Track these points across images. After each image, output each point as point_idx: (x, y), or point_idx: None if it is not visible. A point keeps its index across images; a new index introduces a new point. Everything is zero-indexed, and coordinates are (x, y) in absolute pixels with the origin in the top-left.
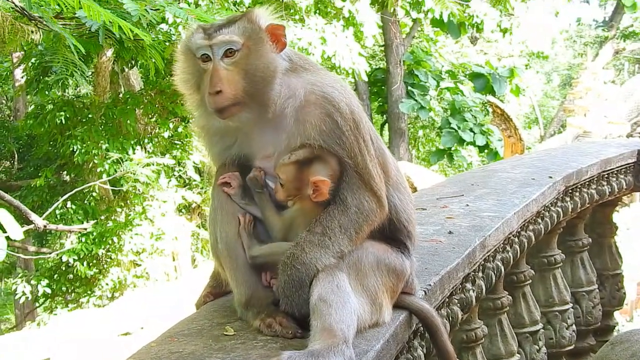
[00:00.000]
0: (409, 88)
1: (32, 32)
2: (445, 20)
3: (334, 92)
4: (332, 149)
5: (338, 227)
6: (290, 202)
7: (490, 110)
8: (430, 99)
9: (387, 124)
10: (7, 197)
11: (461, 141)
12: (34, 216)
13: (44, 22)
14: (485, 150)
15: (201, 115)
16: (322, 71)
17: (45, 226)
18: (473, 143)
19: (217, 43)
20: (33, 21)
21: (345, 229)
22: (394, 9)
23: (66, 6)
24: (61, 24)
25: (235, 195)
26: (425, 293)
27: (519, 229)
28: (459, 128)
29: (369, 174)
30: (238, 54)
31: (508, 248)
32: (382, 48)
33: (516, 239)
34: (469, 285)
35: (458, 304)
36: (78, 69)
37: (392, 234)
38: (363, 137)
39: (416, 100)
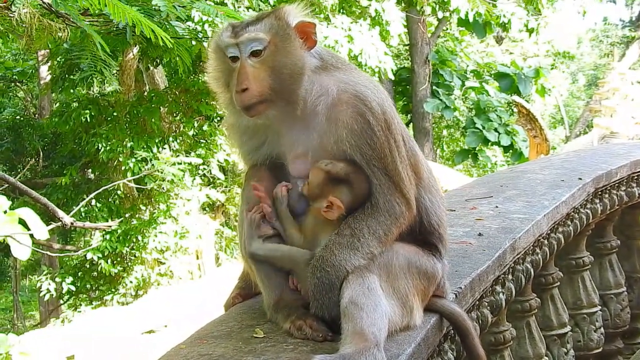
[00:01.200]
0: (434, 87)
1: (60, 29)
2: (471, 20)
3: (367, 91)
4: (362, 149)
5: (367, 228)
6: (312, 204)
7: (516, 110)
8: (455, 99)
9: (411, 124)
10: (35, 194)
11: (486, 141)
12: (61, 213)
13: (72, 19)
14: (510, 151)
15: (231, 113)
16: (355, 70)
17: (72, 223)
18: (498, 143)
19: (243, 41)
20: (60, 18)
21: (374, 231)
22: (422, 8)
23: (91, 4)
24: (88, 21)
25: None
26: (456, 296)
27: (549, 231)
28: (483, 128)
29: (399, 176)
30: (265, 51)
31: (537, 250)
32: (407, 47)
33: (546, 241)
34: (498, 288)
35: (488, 307)
36: (107, 66)
37: (423, 236)
38: (394, 138)
39: (441, 100)
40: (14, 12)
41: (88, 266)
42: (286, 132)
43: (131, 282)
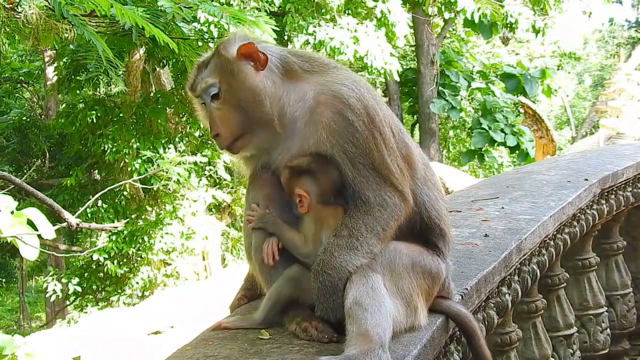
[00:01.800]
0: (440, 88)
1: (66, 30)
2: (477, 20)
3: (343, 88)
4: (344, 147)
5: (364, 226)
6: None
7: (522, 111)
8: (461, 100)
9: (417, 124)
10: (40, 195)
11: (492, 142)
12: (67, 214)
13: (75, 24)
14: (516, 151)
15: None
16: (333, 70)
17: (78, 224)
18: (504, 144)
19: (199, 93)
20: (66, 19)
21: (371, 228)
22: (428, 8)
23: (99, 8)
24: (94, 22)
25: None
26: (462, 297)
27: (555, 232)
28: (489, 128)
29: (388, 169)
30: (221, 92)
31: (544, 251)
32: (413, 48)
33: (552, 242)
34: (505, 289)
35: (494, 308)
36: (113, 66)
37: (424, 233)
38: (380, 131)
39: (447, 101)
40: (20, 13)
41: (94, 267)
42: (274, 146)
43: (137, 283)
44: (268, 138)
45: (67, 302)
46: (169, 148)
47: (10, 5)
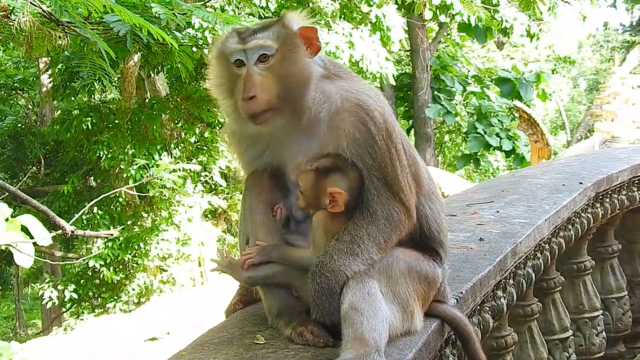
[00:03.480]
0: (435, 93)
1: (60, 37)
2: (473, 24)
3: (369, 100)
4: (362, 158)
5: (367, 235)
6: (312, 211)
7: (517, 115)
8: (457, 104)
9: (413, 129)
10: (35, 202)
11: (487, 146)
12: (62, 221)
13: (72, 27)
14: (512, 155)
15: (234, 120)
16: (356, 78)
17: (73, 231)
18: (499, 148)
19: (251, 48)
20: (60, 26)
21: (374, 237)
22: (421, 13)
23: (95, 10)
24: (89, 29)
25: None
26: (457, 301)
27: (550, 236)
28: (485, 133)
29: (399, 185)
30: (272, 59)
31: (539, 255)
32: (408, 53)
33: (547, 246)
34: (500, 293)
35: (489, 312)
36: (106, 74)
37: (423, 242)
38: (395, 147)
39: (442, 105)
40: (14, 20)
41: (90, 274)
42: (289, 142)
43: (133, 289)
44: (292, 125)
45: (64, 309)
46: (164, 154)
47: (4, 13)
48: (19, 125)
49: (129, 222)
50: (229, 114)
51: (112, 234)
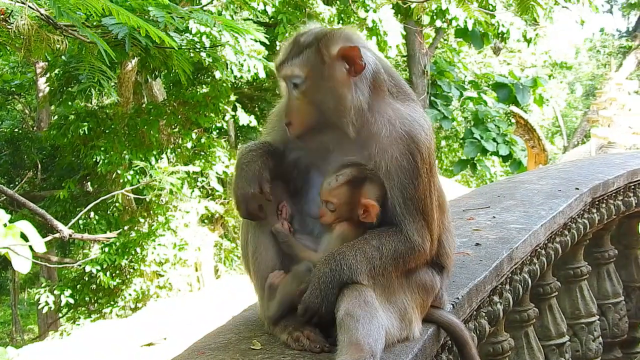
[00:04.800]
0: (432, 98)
1: (58, 41)
2: (470, 28)
3: (421, 132)
4: (405, 186)
5: (393, 250)
6: (336, 224)
7: (514, 120)
8: (453, 109)
9: None
10: (32, 205)
11: (484, 151)
12: (59, 225)
13: (70, 31)
14: (509, 161)
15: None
16: (412, 103)
17: (70, 235)
18: (496, 153)
19: (282, 77)
20: (58, 29)
21: (397, 256)
22: (419, 17)
23: (94, 12)
24: (86, 33)
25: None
26: (454, 306)
27: (546, 241)
28: (481, 138)
29: (432, 217)
30: (303, 85)
31: (535, 260)
32: (405, 58)
33: (543, 251)
34: (496, 298)
35: (485, 317)
36: (105, 77)
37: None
38: (434, 181)
39: (439, 111)
40: (12, 24)
41: (87, 279)
42: (334, 149)
43: (130, 294)
44: (340, 139)
45: (60, 314)
46: (161, 159)
47: (2, 16)
48: (16, 130)
49: (125, 227)
50: None
51: (109, 238)
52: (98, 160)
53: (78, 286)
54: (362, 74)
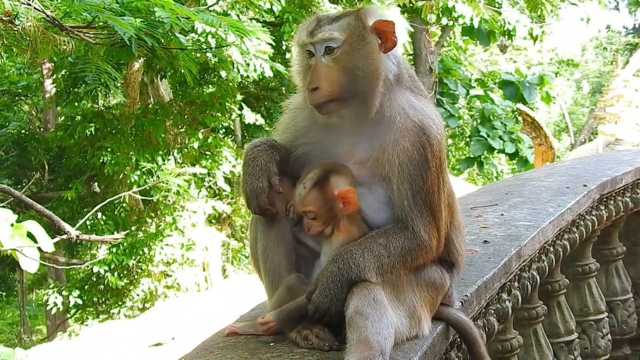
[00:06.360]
0: (438, 96)
1: (64, 42)
2: (476, 26)
3: (433, 125)
4: (414, 179)
5: (401, 248)
6: (327, 230)
7: (520, 118)
8: (460, 108)
9: None
10: (39, 207)
11: (491, 149)
12: (67, 226)
13: (76, 32)
14: (516, 158)
15: (306, 107)
16: (425, 98)
17: (78, 236)
18: (502, 151)
19: (317, 41)
20: (64, 31)
21: (405, 253)
22: (427, 15)
23: (97, 16)
24: (92, 34)
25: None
26: (462, 304)
27: (554, 238)
28: (488, 136)
29: (440, 214)
30: (338, 50)
31: (543, 257)
32: (411, 57)
33: (551, 248)
34: (505, 296)
35: (494, 315)
36: (112, 77)
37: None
38: (443, 178)
39: (445, 109)
40: (18, 25)
41: (95, 279)
42: (351, 135)
43: (138, 295)
44: (359, 118)
45: (68, 315)
46: (168, 159)
47: (8, 18)
48: (23, 131)
49: (133, 228)
50: (303, 101)
51: (116, 239)
52: (105, 161)
53: (86, 287)
54: (392, 52)
